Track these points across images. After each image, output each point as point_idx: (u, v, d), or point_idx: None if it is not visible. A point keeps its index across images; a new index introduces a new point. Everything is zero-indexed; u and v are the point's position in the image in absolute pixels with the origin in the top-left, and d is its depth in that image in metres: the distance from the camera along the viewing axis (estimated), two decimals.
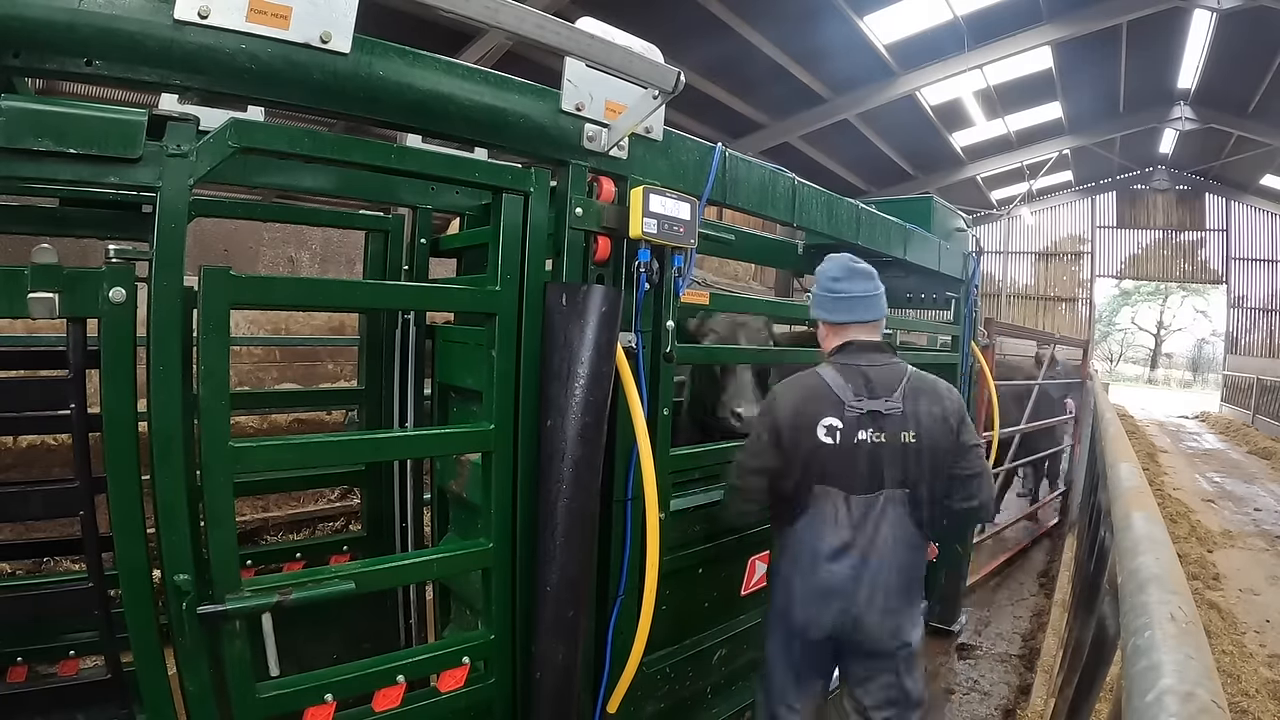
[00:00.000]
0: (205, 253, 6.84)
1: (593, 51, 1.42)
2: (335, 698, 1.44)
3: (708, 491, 2.15)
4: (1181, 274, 21.45)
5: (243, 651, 1.33)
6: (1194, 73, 13.24)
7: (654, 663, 2.01)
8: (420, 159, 1.60)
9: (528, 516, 1.67)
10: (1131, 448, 2.37)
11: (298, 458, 1.45)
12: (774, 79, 11.05)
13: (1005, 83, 13.14)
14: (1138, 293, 34.49)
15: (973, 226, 4.99)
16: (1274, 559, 5.74)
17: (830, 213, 2.55)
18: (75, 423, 1.20)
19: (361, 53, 1.32)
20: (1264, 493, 8.39)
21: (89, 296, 1.16)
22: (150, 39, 1.14)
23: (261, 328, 6.30)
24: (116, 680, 1.22)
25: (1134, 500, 1.47)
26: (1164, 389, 30.88)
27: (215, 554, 1.30)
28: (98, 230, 1.86)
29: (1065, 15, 10.66)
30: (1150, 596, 0.89)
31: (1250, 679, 3.55)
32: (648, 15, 7.98)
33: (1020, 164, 17.51)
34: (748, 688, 2.40)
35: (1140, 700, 0.67)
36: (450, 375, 2.03)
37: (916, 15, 10.36)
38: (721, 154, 2.00)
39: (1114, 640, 1.32)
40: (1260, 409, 14.53)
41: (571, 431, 1.59)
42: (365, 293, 1.87)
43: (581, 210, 1.69)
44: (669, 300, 1.90)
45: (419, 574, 1.54)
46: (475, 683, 1.66)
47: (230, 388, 1.31)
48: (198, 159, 1.24)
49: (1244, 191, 19.39)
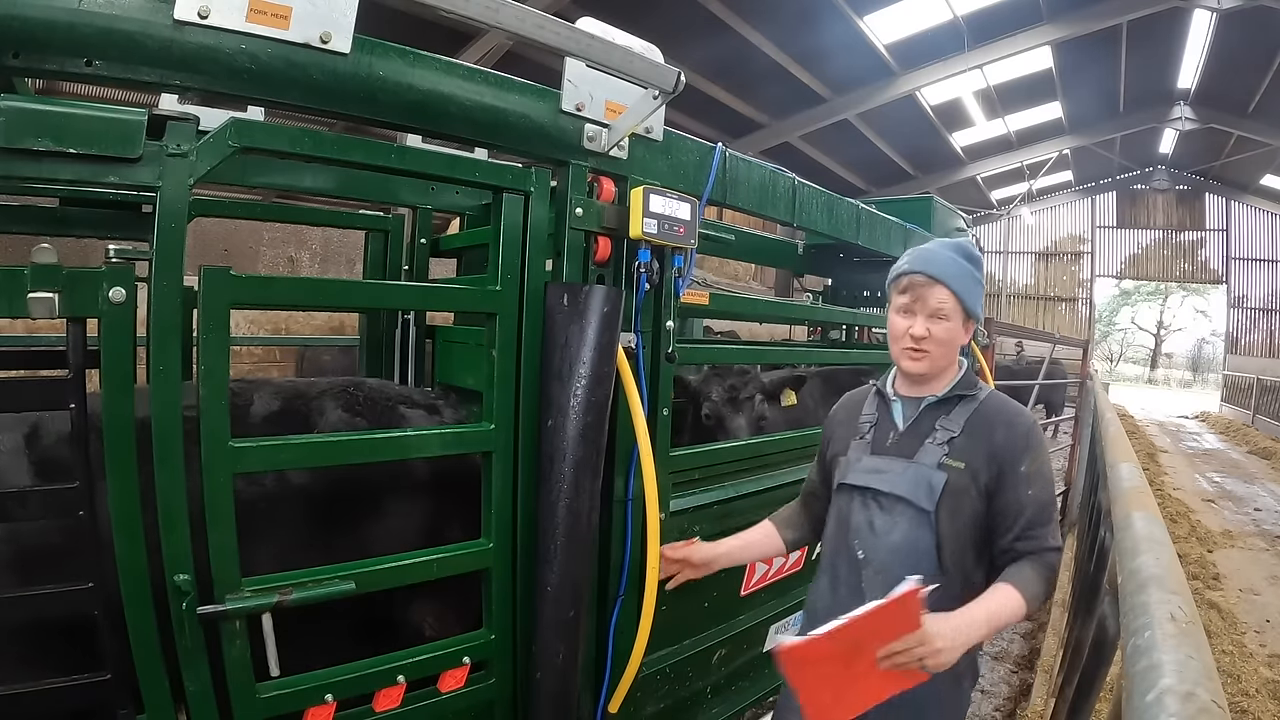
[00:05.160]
0: (205, 253, 6.85)
1: (593, 51, 1.42)
2: (335, 698, 1.44)
3: (708, 491, 2.15)
4: (1181, 274, 21.46)
5: (243, 651, 1.33)
6: (1194, 73, 13.24)
7: (654, 663, 2.01)
8: (420, 159, 1.60)
9: (528, 516, 1.68)
10: (1131, 448, 2.36)
11: (298, 457, 1.45)
12: (774, 79, 11.05)
13: (1005, 83, 13.14)
14: (1138, 293, 34.49)
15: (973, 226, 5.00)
16: (1274, 559, 5.74)
17: (830, 213, 2.55)
18: (75, 423, 1.19)
19: (361, 53, 1.32)
20: (1264, 493, 8.39)
21: (89, 296, 1.16)
22: (150, 39, 1.14)
23: (261, 328, 6.29)
24: (117, 680, 1.22)
25: (1134, 500, 1.47)
26: (1164, 389, 30.87)
27: (215, 554, 1.30)
28: (98, 230, 1.86)
29: (1065, 15, 10.66)
30: (1150, 596, 0.89)
31: (1250, 679, 3.55)
32: (648, 15, 7.99)
33: (1020, 164, 17.51)
34: (748, 688, 2.41)
35: (1140, 700, 0.67)
36: (450, 375, 2.03)
37: (916, 15, 10.36)
38: (721, 154, 2.00)
39: (1114, 640, 1.33)
40: (1260, 409, 14.52)
41: (572, 432, 1.59)
42: (365, 293, 1.87)
43: (582, 210, 1.69)
44: (669, 300, 1.89)
45: (419, 574, 1.54)
46: (475, 683, 1.66)
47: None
48: (198, 159, 1.24)
49: (1244, 191, 19.39)
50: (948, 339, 1.48)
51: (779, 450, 2.41)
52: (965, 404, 1.49)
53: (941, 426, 1.47)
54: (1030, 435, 1.45)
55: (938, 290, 1.47)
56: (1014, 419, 1.46)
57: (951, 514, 1.43)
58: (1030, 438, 1.44)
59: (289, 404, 1.66)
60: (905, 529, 1.45)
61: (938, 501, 1.43)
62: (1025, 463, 1.42)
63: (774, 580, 2.41)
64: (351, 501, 1.63)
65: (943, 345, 1.47)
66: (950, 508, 1.43)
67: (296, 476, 1.56)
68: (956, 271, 1.48)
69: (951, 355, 1.51)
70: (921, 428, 1.50)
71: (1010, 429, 1.45)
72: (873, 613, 1.14)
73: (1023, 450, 1.42)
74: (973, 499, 1.42)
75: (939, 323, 1.47)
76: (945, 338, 1.47)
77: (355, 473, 1.61)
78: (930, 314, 1.47)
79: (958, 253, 1.51)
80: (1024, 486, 1.40)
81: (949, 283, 1.46)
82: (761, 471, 2.34)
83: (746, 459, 2.30)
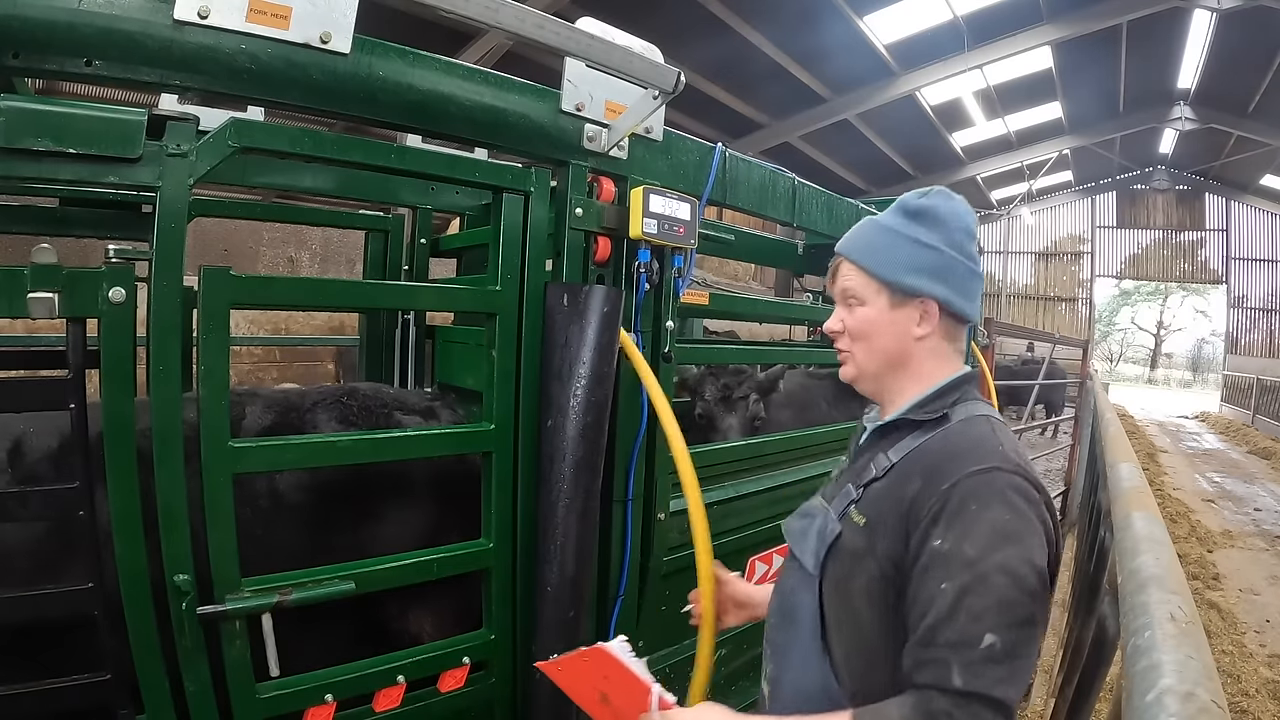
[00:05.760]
0: (205, 253, 6.84)
1: (593, 51, 1.41)
2: (335, 698, 1.44)
3: (708, 491, 2.14)
4: (1181, 274, 21.47)
5: (243, 651, 1.33)
6: (1194, 73, 13.24)
7: (654, 663, 2.01)
8: (420, 159, 1.60)
9: (528, 516, 1.67)
10: (1131, 448, 2.36)
11: (298, 457, 1.45)
12: (774, 79, 11.05)
13: (1005, 83, 13.14)
14: (1138, 293, 34.49)
15: None
16: (1274, 559, 5.74)
17: (830, 213, 2.55)
18: (75, 423, 1.19)
19: (361, 53, 1.32)
20: (1264, 493, 8.39)
21: (89, 296, 1.16)
22: (150, 39, 1.14)
23: (261, 328, 6.30)
24: (117, 680, 1.22)
25: (1134, 500, 1.47)
26: (1164, 389, 30.88)
27: (215, 554, 1.30)
28: (98, 230, 1.86)
29: (1065, 15, 10.66)
30: (1150, 596, 0.89)
31: (1250, 679, 3.55)
32: (648, 15, 7.98)
33: (1020, 164, 17.51)
34: (748, 688, 2.40)
35: (1140, 700, 0.67)
36: (450, 375, 2.03)
37: (916, 15, 10.36)
38: (721, 154, 2.00)
39: (1114, 640, 1.32)
40: (1260, 409, 14.53)
41: (572, 432, 1.59)
42: (365, 293, 1.87)
43: (581, 210, 1.69)
44: (669, 300, 1.89)
45: (419, 574, 1.54)
46: (475, 683, 1.66)
47: (230, 387, 1.31)
48: (198, 159, 1.24)
49: (1244, 191, 19.40)
50: (863, 330, 1.08)
51: (779, 450, 2.41)
52: (917, 434, 1.03)
53: (873, 463, 1.05)
54: (959, 494, 0.90)
55: (842, 268, 1.12)
56: (944, 465, 0.94)
57: (838, 584, 1.01)
58: (957, 498, 0.90)
59: (282, 418, 1.62)
60: (791, 590, 1.11)
61: (823, 563, 1.04)
62: (939, 534, 0.89)
63: (774, 580, 2.41)
64: (350, 509, 1.62)
65: (861, 341, 1.08)
66: (837, 575, 1.02)
67: (293, 494, 1.54)
68: (867, 238, 1.10)
69: (883, 356, 1.08)
70: (859, 462, 1.10)
71: (932, 479, 0.93)
72: (578, 656, 1.05)
73: (938, 514, 0.90)
74: (870, 571, 0.96)
75: (851, 310, 1.10)
76: (859, 328, 1.08)
77: (354, 477, 1.61)
78: (841, 300, 1.12)
79: (890, 214, 1.11)
80: (933, 573, 0.88)
81: (852, 254, 1.10)
82: (761, 471, 2.34)
83: (747, 459, 2.30)
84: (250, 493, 1.46)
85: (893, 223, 1.09)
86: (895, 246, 1.07)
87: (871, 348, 1.08)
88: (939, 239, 1.07)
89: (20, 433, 1.36)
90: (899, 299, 1.06)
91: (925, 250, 1.06)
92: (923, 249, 1.06)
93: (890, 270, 1.06)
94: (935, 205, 1.09)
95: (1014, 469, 0.92)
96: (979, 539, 0.87)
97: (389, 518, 1.65)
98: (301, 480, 1.55)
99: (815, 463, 2.52)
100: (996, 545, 0.86)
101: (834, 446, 2.60)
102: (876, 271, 1.07)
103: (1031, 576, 0.86)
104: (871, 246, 1.08)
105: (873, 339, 1.07)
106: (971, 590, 0.84)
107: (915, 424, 1.04)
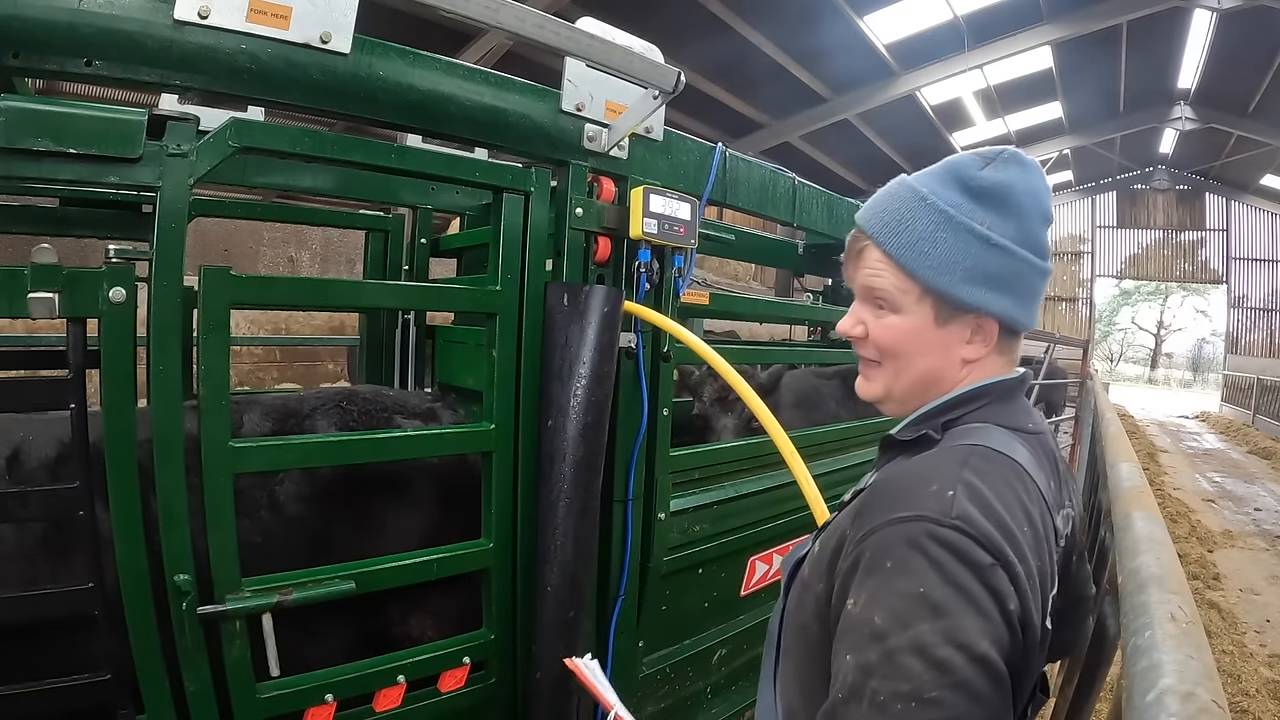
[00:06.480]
0: (205, 253, 6.85)
1: (593, 51, 1.42)
2: (336, 698, 1.44)
3: (708, 491, 2.15)
4: (1182, 274, 21.47)
5: (243, 651, 1.33)
6: (1194, 73, 13.24)
7: (654, 663, 2.01)
8: (420, 159, 1.60)
9: (528, 516, 1.67)
10: (1131, 447, 2.36)
11: (299, 457, 1.45)
12: (774, 79, 11.05)
13: (1005, 82, 13.14)
14: (1138, 292, 34.48)
15: None
16: (1274, 559, 5.74)
17: (830, 213, 2.55)
18: (75, 423, 1.19)
19: (361, 53, 1.32)
20: (1264, 492, 8.39)
21: (89, 296, 1.16)
22: (150, 39, 1.14)
23: (261, 328, 6.30)
24: (117, 680, 1.22)
25: (1134, 500, 1.47)
26: (1164, 389, 30.87)
27: (215, 554, 1.30)
28: (98, 230, 1.86)
29: (1065, 15, 10.65)
30: (1150, 596, 0.89)
31: (1250, 679, 3.55)
32: (648, 15, 7.98)
33: None
34: (748, 688, 2.40)
35: (1140, 700, 0.67)
36: (450, 375, 2.03)
37: (916, 15, 10.35)
38: (722, 154, 2.00)
39: (1114, 640, 1.32)
40: (1260, 409, 14.53)
41: (572, 431, 1.59)
42: (365, 293, 1.87)
43: (582, 210, 1.69)
44: (669, 300, 1.89)
45: (419, 574, 1.54)
46: (475, 683, 1.66)
47: (230, 387, 1.31)
48: (198, 159, 1.24)
49: (1244, 191, 19.40)
50: (895, 347, 0.81)
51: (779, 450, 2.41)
52: (905, 454, 0.81)
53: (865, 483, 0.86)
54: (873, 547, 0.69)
55: (867, 254, 0.82)
56: (874, 504, 0.72)
57: (788, 613, 0.86)
58: (869, 552, 0.69)
59: (280, 424, 1.60)
60: (778, 609, 0.92)
61: (789, 587, 0.88)
62: (853, 593, 0.69)
63: (774, 580, 2.41)
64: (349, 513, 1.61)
65: (892, 360, 0.82)
66: (790, 604, 0.86)
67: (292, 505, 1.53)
68: (906, 217, 0.79)
69: (918, 379, 0.82)
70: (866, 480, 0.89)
71: (858, 521, 0.73)
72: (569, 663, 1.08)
73: (852, 568, 0.70)
74: (808, 606, 0.79)
75: (879, 315, 0.82)
76: (890, 344, 0.81)
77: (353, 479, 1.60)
78: (863, 295, 0.84)
79: (942, 183, 0.80)
80: (843, 640, 0.69)
81: (884, 240, 0.80)
82: (761, 471, 2.34)
83: (746, 459, 2.30)
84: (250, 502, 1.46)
85: (947, 200, 0.78)
86: (950, 240, 0.77)
87: (905, 368, 0.82)
88: (1012, 234, 0.77)
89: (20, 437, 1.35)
90: (948, 313, 0.79)
91: (992, 252, 0.77)
92: (989, 251, 0.77)
93: (939, 274, 0.77)
94: (1010, 183, 0.78)
95: (953, 522, 0.65)
96: (887, 606, 0.65)
97: (389, 525, 1.64)
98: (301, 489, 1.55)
99: (815, 463, 2.52)
100: (910, 618, 0.63)
101: (834, 447, 2.60)
102: (919, 274, 0.77)
103: (960, 663, 0.61)
104: (913, 233, 0.78)
105: (908, 359, 0.81)
106: (876, 672, 0.63)
107: (906, 443, 0.81)
